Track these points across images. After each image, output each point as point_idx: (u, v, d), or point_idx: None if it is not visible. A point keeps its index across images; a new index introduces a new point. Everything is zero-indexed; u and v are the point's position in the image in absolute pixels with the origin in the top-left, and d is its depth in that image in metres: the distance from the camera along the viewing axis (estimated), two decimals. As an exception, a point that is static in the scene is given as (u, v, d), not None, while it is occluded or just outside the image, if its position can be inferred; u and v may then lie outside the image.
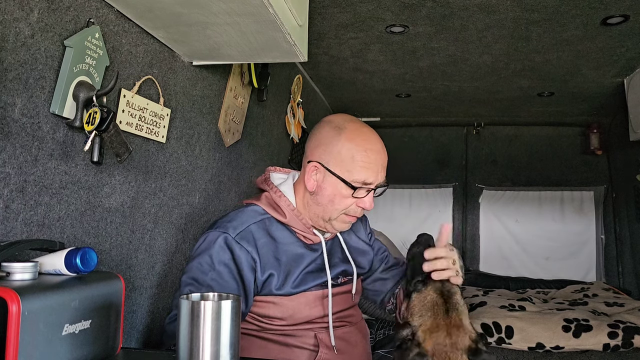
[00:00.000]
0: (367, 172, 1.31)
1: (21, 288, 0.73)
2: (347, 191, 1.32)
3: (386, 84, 2.84)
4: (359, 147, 1.32)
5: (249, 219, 1.35)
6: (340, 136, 1.33)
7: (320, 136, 1.37)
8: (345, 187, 1.32)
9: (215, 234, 1.31)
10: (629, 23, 1.89)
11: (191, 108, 1.60)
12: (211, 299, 0.82)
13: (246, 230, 1.32)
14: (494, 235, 3.82)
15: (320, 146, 1.36)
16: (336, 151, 1.32)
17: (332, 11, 1.86)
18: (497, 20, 1.90)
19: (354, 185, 1.31)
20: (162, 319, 1.52)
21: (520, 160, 3.84)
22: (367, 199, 1.34)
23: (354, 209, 1.35)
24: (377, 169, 1.33)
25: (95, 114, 1.05)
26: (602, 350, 2.24)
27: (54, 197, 1.05)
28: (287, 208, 1.37)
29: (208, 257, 1.28)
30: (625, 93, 2.63)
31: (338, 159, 1.32)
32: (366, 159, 1.31)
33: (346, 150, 1.31)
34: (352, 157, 1.31)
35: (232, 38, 1.31)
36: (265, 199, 1.42)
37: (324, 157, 1.34)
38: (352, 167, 1.31)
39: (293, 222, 1.38)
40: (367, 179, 1.32)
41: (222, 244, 1.29)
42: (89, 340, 0.84)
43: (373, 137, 1.36)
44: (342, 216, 1.36)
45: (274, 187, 1.41)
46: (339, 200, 1.33)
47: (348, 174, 1.31)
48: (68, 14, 1.04)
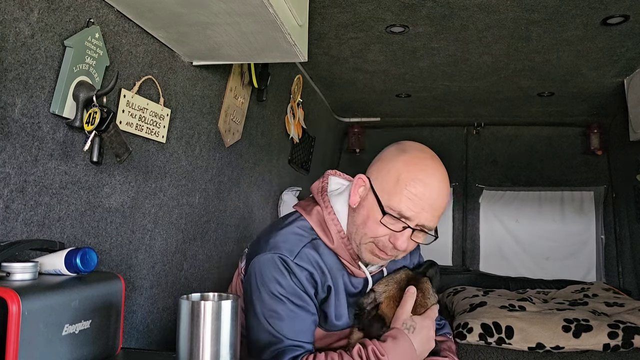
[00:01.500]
0: (409, 203, 1.14)
1: (21, 288, 0.73)
2: (379, 215, 1.17)
3: (386, 84, 2.84)
4: (409, 174, 1.16)
5: (300, 240, 1.23)
6: (399, 157, 1.19)
7: (382, 154, 1.25)
8: (378, 210, 1.17)
9: (271, 256, 1.19)
10: (629, 23, 1.89)
11: (191, 108, 1.60)
12: (211, 299, 0.82)
13: (302, 252, 1.20)
14: (494, 235, 3.82)
15: (376, 162, 1.24)
16: (386, 170, 1.19)
17: (332, 11, 1.86)
18: (497, 20, 1.90)
19: (385, 210, 1.16)
20: (162, 318, 1.52)
21: (520, 160, 3.84)
22: (402, 236, 1.16)
23: (385, 242, 1.18)
24: (422, 205, 1.15)
25: (95, 114, 1.05)
26: (602, 350, 2.24)
27: (54, 197, 1.05)
28: (337, 235, 1.23)
29: (276, 283, 1.17)
30: (625, 93, 2.63)
31: (385, 178, 1.18)
32: (412, 189, 1.14)
33: (395, 172, 1.17)
34: (398, 180, 1.16)
35: (232, 38, 1.31)
36: (317, 215, 1.26)
37: (374, 173, 1.21)
38: (393, 192, 1.16)
39: (340, 250, 1.24)
40: (404, 212, 1.15)
41: (283, 266, 1.18)
42: (89, 340, 0.84)
43: (434, 172, 1.18)
44: (371, 245, 1.20)
45: (328, 205, 1.26)
46: (371, 225, 1.18)
47: (386, 197, 1.16)
48: (68, 14, 1.04)
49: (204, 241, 1.79)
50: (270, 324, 1.16)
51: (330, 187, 1.32)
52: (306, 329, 1.19)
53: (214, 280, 1.87)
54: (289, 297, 1.17)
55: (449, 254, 3.84)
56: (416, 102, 3.26)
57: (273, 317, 1.17)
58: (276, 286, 1.17)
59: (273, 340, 1.16)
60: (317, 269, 1.21)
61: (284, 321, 1.16)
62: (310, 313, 1.19)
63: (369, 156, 4.44)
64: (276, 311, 1.17)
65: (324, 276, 1.22)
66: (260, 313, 1.18)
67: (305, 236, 1.24)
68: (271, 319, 1.17)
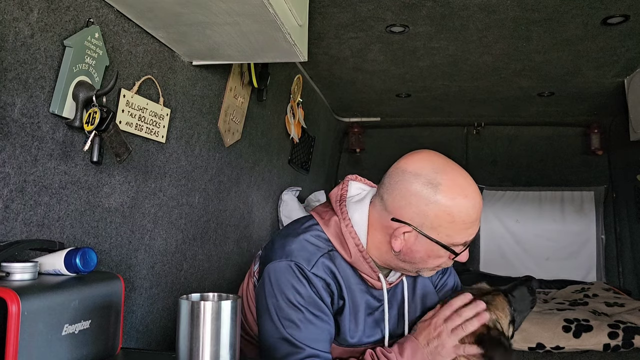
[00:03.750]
0: (469, 232, 1.15)
1: (21, 288, 0.73)
2: (446, 253, 1.16)
3: (386, 84, 2.84)
4: (460, 208, 1.12)
5: (317, 250, 1.20)
6: (437, 196, 1.12)
7: (408, 192, 1.14)
8: (444, 250, 1.15)
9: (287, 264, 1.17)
10: (629, 23, 1.88)
11: (191, 108, 1.60)
12: (211, 299, 0.82)
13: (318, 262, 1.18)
14: (494, 235, 3.82)
15: (410, 206, 1.14)
16: (433, 214, 1.12)
17: (332, 11, 1.86)
18: (497, 20, 1.90)
19: (455, 251, 1.15)
20: (162, 319, 1.52)
21: (520, 160, 3.84)
22: (464, 254, 1.19)
23: (447, 262, 1.20)
24: (477, 223, 1.16)
25: (95, 114, 1.05)
26: (603, 350, 2.24)
27: (53, 197, 1.05)
28: (355, 249, 1.20)
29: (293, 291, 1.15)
30: (626, 93, 2.63)
31: (435, 223, 1.13)
32: (468, 219, 1.13)
33: (446, 215, 1.12)
34: (453, 221, 1.12)
35: (232, 38, 1.31)
36: (335, 227, 1.22)
37: (416, 219, 1.13)
38: (452, 232, 1.13)
39: (358, 264, 1.21)
40: (468, 239, 1.16)
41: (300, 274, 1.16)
42: (89, 340, 0.84)
43: (471, 188, 1.17)
44: (434, 268, 1.22)
45: (347, 217, 1.21)
46: (433, 260, 1.18)
47: (448, 238, 1.14)
48: (68, 14, 1.04)
49: (203, 241, 1.79)
50: (288, 333, 1.15)
51: (350, 192, 1.28)
52: (324, 338, 1.18)
53: (213, 280, 1.87)
54: (307, 307, 1.16)
55: (449, 254, 3.84)
56: (416, 102, 3.26)
57: (291, 327, 1.15)
58: (294, 294, 1.15)
59: (292, 349, 1.15)
60: (333, 279, 1.19)
61: (302, 330, 1.15)
62: (327, 323, 1.18)
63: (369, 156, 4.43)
64: (294, 320, 1.15)
65: (340, 287, 1.20)
66: (277, 320, 1.16)
67: (322, 247, 1.21)
68: (289, 328, 1.15)
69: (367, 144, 3.86)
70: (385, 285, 1.24)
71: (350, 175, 1.32)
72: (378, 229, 1.20)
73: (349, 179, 1.31)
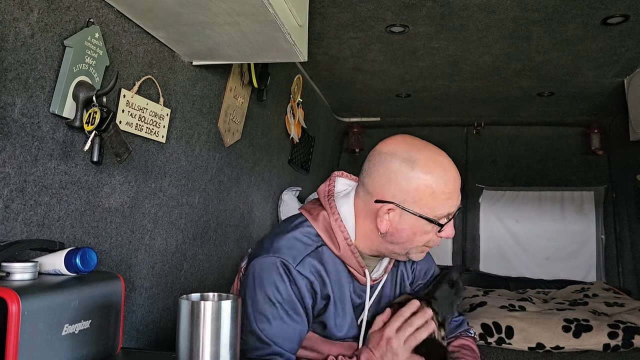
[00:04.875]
0: (450, 202, 1.20)
1: (21, 288, 0.73)
2: (431, 227, 1.20)
3: (386, 84, 2.84)
4: (438, 180, 1.18)
5: (306, 247, 1.23)
6: (415, 171, 1.18)
7: (387, 172, 1.20)
8: (429, 224, 1.19)
9: (272, 260, 1.19)
10: (629, 23, 1.88)
11: (191, 108, 1.60)
12: (211, 299, 0.82)
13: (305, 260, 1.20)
14: (494, 235, 3.82)
15: (390, 184, 1.19)
16: (413, 189, 1.18)
17: (332, 11, 1.86)
18: (497, 20, 1.90)
19: (440, 222, 1.20)
20: (162, 318, 1.52)
21: (520, 160, 3.84)
22: (449, 228, 1.23)
23: (435, 239, 1.24)
24: (457, 195, 1.22)
25: (95, 114, 1.05)
26: (602, 350, 2.24)
27: (53, 197, 1.05)
28: (343, 242, 1.24)
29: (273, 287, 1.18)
30: (626, 93, 2.63)
31: (417, 197, 1.18)
32: (447, 191, 1.19)
33: (425, 187, 1.17)
34: (433, 192, 1.17)
35: (232, 38, 1.31)
36: (323, 221, 1.26)
37: (398, 196, 1.18)
38: (434, 204, 1.18)
39: (346, 257, 1.25)
40: (450, 210, 1.21)
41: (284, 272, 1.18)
42: (89, 340, 0.84)
43: (447, 161, 1.22)
44: (422, 247, 1.25)
45: (335, 211, 1.25)
46: (420, 237, 1.22)
47: (430, 211, 1.18)
48: (68, 14, 1.04)
49: (203, 241, 1.79)
50: (258, 327, 1.17)
51: (337, 188, 1.32)
52: (292, 338, 1.19)
53: (213, 280, 1.87)
54: (282, 304, 1.17)
55: (449, 254, 3.84)
56: (416, 102, 3.26)
57: (263, 321, 1.17)
58: (273, 290, 1.17)
59: (258, 344, 1.17)
60: (317, 278, 1.21)
61: (273, 326, 1.16)
62: (299, 324, 1.19)
63: (369, 156, 4.26)
64: (267, 315, 1.17)
65: (324, 286, 1.22)
66: (251, 313, 1.18)
67: (310, 244, 1.23)
68: (261, 322, 1.17)
69: (367, 144, 3.86)
70: (369, 280, 1.28)
71: (337, 171, 1.36)
72: (365, 216, 1.24)
73: (335, 176, 1.35)
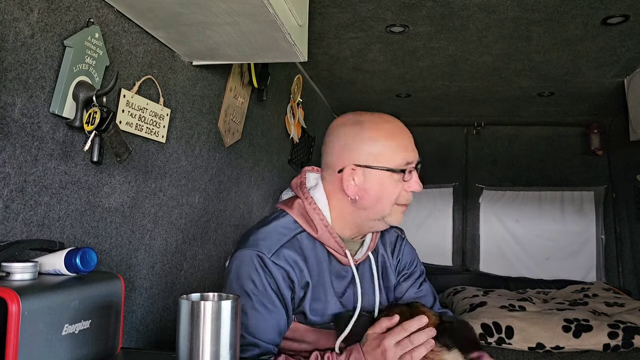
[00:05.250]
0: (406, 153, 1.27)
1: (21, 288, 0.73)
2: (397, 177, 1.26)
3: (386, 84, 2.84)
4: (387, 132, 1.27)
5: (281, 237, 1.26)
6: (364, 131, 1.26)
7: (341, 140, 1.28)
8: (393, 174, 1.25)
9: (249, 252, 1.22)
10: (629, 23, 1.88)
11: (191, 108, 1.60)
12: (211, 299, 0.82)
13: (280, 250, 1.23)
14: (494, 235, 3.82)
15: (347, 148, 1.27)
16: (367, 146, 1.25)
17: (332, 11, 1.86)
18: (497, 20, 1.90)
19: (402, 169, 1.26)
20: (162, 318, 1.52)
21: (520, 160, 3.84)
22: (414, 180, 1.28)
23: (405, 195, 1.28)
24: (411, 145, 1.29)
25: (95, 114, 1.05)
26: (602, 350, 2.24)
27: (53, 197, 1.05)
28: (320, 223, 1.28)
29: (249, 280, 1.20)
30: (626, 93, 2.63)
31: (372, 152, 1.25)
32: (400, 140, 1.27)
33: (377, 141, 1.25)
34: (386, 144, 1.25)
35: (232, 38, 1.31)
36: (298, 207, 1.32)
37: (356, 157, 1.25)
38: (389, 154, 1.25)
39: (325, 238, 1.28)
40: (408, 158, 1.27)
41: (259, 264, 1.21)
42: (89, 340, 0.84)
43: (392, 119, 1.32)
44: (394, 207, 1.28)
45: (309, 196, 1.32)
46: (388, 193, 1.26)
47: (389, 162, 1.25)
48: (68, 14, 1.04)
49: (203, 241, 1.79)
50: None
51: (309, 183, 1.37)
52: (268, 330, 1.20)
53: (213, 280, 1.87)
54: (258, 296, 1.19)
55: (449, 254, 3.83)
56: (416, 102, 3.26)
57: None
58: (249, 282, 1.20)
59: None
60: (294, 267, 1.23)
61: (249, 318, 1.18)
62: (276, 314, 1.20)
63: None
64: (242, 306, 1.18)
65: (302, 274, 1.24)
66: None
67: (286, 233, 1.27)
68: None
69: (367, 144, 3.86)
70: (351, 259, 1.30)
71: (307, 167, 1.43)
72: (335, 194, 1.30)
73: (306, 170, 1.42)
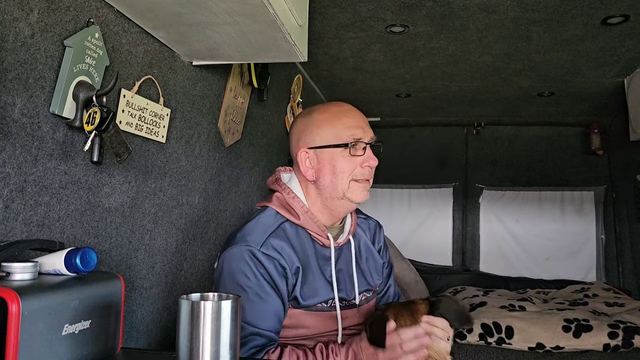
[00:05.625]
0: (353, 129, 1.33)
1: (21, 288, 0.73)
2: (344, 151, 1.32)
3: (386, 84, 2.84)
4: (334, 114, 1.35)
5: (267, 229, 1.30)
6: (313, 117, 1.37)
7: (296, 129, 1.41)
8: (341, 149, 1.32)
9: (238, 248, 1.26)
10: (629, 23, 1.88)
11: (191, 108, 1.60)
12: (211, 299, 0.82)
13: (267, 241, 1.27)
14: (494, 235, 3.82)
15: (300, 136, 1.38)
16: (315, 128, 1.35)
17: (332, 11, 1.86)
18: (497, 20, 1.90)
19: (347, 143, 1.32)
20: (162, 319, 1.52)
21: (520, 160, 3.84)
22: (368, 154, 1.34)
23: (360, 171, 1.33)
24: (360, 124, 1.34)
25: (95, 114, 1.05)
26: (602, 350, 2.24)
27: (53, 197, 1.05)
28: (301, 209, 1.35)
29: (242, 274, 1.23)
30: (626, 93, 2.63)
31: (319, 133, 1.34)
32: (346, 120, 1.34)
33: (323, 123, 1.34)
34: (332, 124, 1.33)
35: (232, 38, 1.31)
36: (277, 199, 1.39)
37: (308, 141, 1.36)
38: (336, 132, 1.33)
39: (307, 224, 1.34)
40: (355, 135, 1.32)
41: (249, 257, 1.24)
42: (89, 340, 0.84)
43: (344, 104, 1.40)
44: (352, 184, 1.33)
45: (286, 187, 1.39)
46: (341, 168, 1.33)
47: (336, 138, 1.33)
48: (68, 14, 1.04)
49: (204, 241, 1.79)
50: None
51: (284, 179, 1.44)
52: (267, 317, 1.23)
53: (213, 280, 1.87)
54: (252, 288, 1.22)
55: (449, 254, 3.83)
56: (416, 102, 3.26)
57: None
58: (242, 276, 1.23)
59: None
60: (283, 255, 1.27)
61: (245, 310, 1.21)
62: (272, 303, 1.23)
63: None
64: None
65: (292, 260, 1.28)
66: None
67: (271, 224, 1.32)
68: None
69: (367, 144, 3.86)
70: (332, 243, 1.36)
71: (280, 167, 1.51)
72: (304, 183, 1.39)
73: (280, 170, 1.49)
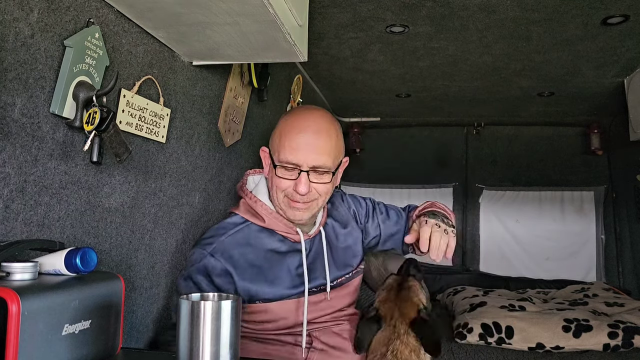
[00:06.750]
0: (293, 153, 1.29)
1: (21, 288, 0.73)
2: (278, 169, 1.33)
3: (386, 84, 2.84)
4: (288, 128, 1.33)
5: (225, 231, 1.38)
6: (282, 118, 1.38)
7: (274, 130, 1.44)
8: (272, 163, 1.35)
9: (197, 251, 1.37)
10: (629, 23, 1.88)
11: (191, 108, 1.60)
12: (211, 299, 0.82)
13: (219, 244, 1.35)
14: (494, 235, 3.82)
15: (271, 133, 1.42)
16: (276, 133, 1.37)
17: (332, 11, 1.86)
18: (497, 20, 1.90)
19: (275, 164, 1.32)
20: (162, 319, 1.52)
21: (520, 160, 3.84)
22: (299, 181, 1.30)
23: (290, 191, 1.33)
24: (306, 149, 1.29)
25: (95, 114, 1.05)
26: (602, 350, 2.24)
27: (53, 197, 1.05)
28: (265, 212, 1.38)
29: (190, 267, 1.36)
30: (625, 93, 2.63)
31: (274, 139, 1.36)
32: (293, 141, 1.30)
33: (279, 130, 1.35)
34: (280, 137, 1.33)
35: (232, 38, 1.31)
36: (243, 205, 1.43)
37: (270, 141, 1.39)
38: (279, 147, 1.32)
39: (273, 224, 1.38)
40: (291, 159, 1.30)
41: (199, 260, 1.34)
42: (89, 340, 0.84)
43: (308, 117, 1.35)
44: (284, 199, 1.35)
45: (248, 192, 1.44)
46: (276, 181, 1.34)
47: (277, 155, 1.33)
48: (68, 14, 1.04)
49: (204, 241, 1.79)
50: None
51: (249, 186, 1.47)
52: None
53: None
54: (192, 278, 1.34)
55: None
56: (416, 102, 3.26)
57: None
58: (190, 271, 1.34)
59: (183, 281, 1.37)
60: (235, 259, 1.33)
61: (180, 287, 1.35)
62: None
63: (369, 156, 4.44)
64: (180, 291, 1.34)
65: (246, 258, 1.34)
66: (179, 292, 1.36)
67: (232, 228, 1.38)
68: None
69: (366, 144, 3.86)
70: (302, 237, 1.40)
71: (249, 170, 1.56)
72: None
73: (248, 174, 1.53)
